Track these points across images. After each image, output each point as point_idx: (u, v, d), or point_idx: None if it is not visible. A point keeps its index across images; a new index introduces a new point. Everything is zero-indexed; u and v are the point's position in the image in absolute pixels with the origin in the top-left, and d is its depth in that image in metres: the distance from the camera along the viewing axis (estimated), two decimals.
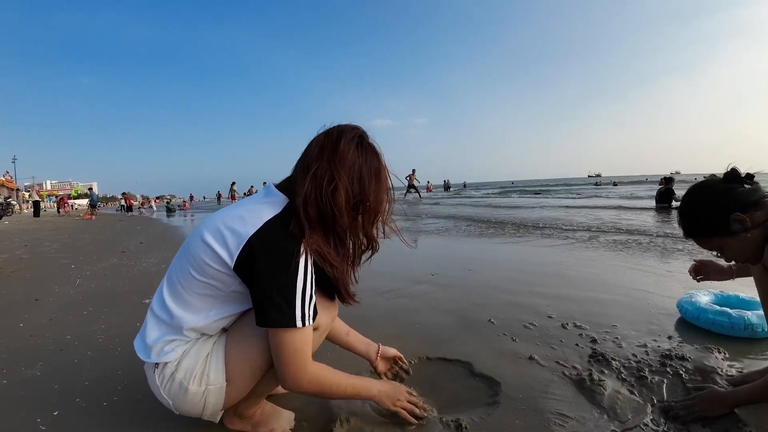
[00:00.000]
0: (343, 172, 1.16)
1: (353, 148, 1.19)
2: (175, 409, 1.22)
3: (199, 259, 1.14)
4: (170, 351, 1.19)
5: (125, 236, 9.39)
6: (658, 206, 10.75)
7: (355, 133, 1.22)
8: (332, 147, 1.18)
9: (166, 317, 1.19)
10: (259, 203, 1.19)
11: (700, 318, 2.13)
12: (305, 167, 1.18)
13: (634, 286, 3.11)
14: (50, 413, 1.57)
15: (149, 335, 1.21)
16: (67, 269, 4.86)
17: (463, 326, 2.35)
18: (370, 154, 1.22)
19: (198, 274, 1.15)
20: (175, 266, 1.23)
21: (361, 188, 1.19)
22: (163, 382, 1.20)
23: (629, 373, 1.69)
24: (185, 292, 1.17)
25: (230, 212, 1.19)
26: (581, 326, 2.25)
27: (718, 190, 1.39)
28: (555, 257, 4.48)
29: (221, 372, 1.19)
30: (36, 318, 2.84)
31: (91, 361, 2.06)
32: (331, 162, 1.16)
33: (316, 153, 1.19)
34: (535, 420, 1.41)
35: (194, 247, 1.16)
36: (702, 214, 1.41)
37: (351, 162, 1.18)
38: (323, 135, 1.22)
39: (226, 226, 1.14)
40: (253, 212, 1.15)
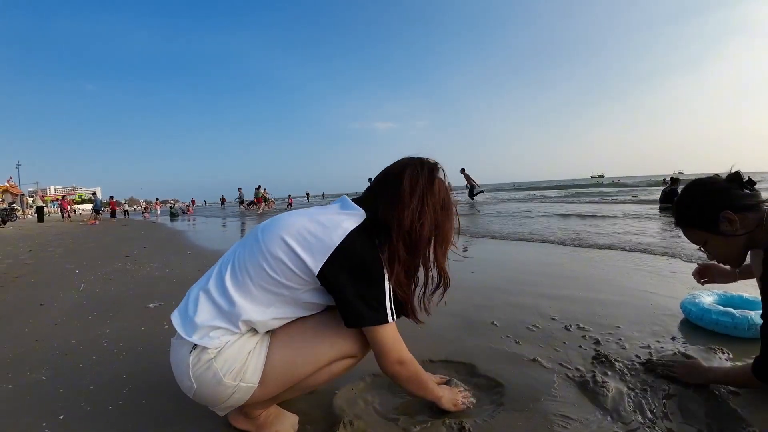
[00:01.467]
0: (432, 209, 1.29)
1: (441, 186, 1.34)
2: (195, 394, 1.20)
3: (278, 259, 1.18)
4: (216, 337, 1.17)
5: (129, 241, 9.42)
6: (662, 207, 10.72)
7: (439, 170, 1.36)
8: (427, 182, 1.30)
9: (225, 304, 1.18)
10: (338, 213, 1.26)
11: (703, 318, 2.13)
12: (399, 199, 1.27)
13: (638, 287, 3.10)
14: (56, 417, 1.58)
15: (199, 314, 1.18)
16: (71, 274, 4.88)
17: (466, 328, 2.36)
18: (445, 189, 1.35)
19: (273, 271, 1.17)
20: (244, 258, 1.23)
21: (439, 223, 1.32)
22: (197, 366, 1.17)
23: (633, 374, 1.69)
24: (253, 286, 1.18)
25: (308, 217, 1.25)
26: (584, 328, 2.24)
27: (716, 187, 1.42)
28: (558, 258, 4.48)
29: (258, 372, 1.20)
30: (41, 323, 2.85)
31: (96, 365, 2.07)
32: (425, 199, 1.28)
33: (408, 188, 1.28)
34: (539, 422, 1.41)
35: (272, 245, 1.19)
36: (695, 205, 1.45)
37: (439, 199, 1.32)
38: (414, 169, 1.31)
39: (310, 232, 1.19)
40: (335, 222, 1.22)
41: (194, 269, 4.81)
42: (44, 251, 7.55)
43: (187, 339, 1.18)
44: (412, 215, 1.25)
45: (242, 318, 1.17)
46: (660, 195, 11.38)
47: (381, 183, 1.34)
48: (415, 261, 1.32)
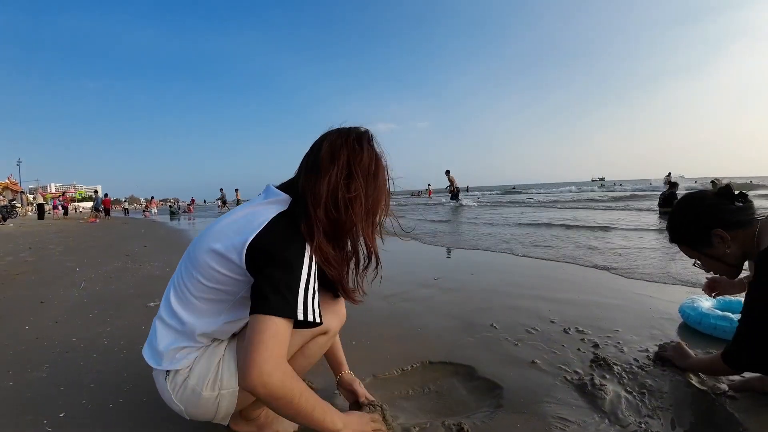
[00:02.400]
0: (361, 177, 1.18)
1: (367, 152, 1.21)
2: (187, 414, 1.22)
3: (207, 266, 1.14)
4: (182, 358, 1.19)
5: (129, 239, 9.43)
6: (661, 211, 10.71)
7: (367, 136, 1.24)
8: (351, 149, 1.19)
9: (177, 324, 1.18)
10: (260, 205, 1.19)
11: (702, 323, 2.13)
12: (317, 169, 1.17)
13: (636, 290, 3.11)
14: (56, 415, 1.59)
15: (160, 342, 1.20)
16: (71, 272, 4.89)
17: (465, 330, 2.36)
18: (374, 157, 1.22)
19: (206, 280, 1.14)
20: (181, 273, 1.22)
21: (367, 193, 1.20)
22: (176, 389, 1.19)
23: (631, 378, 1.69)
24: (194, 299, 1.17)
25: (232, 216, 1.20)
26: (583, 331, 2.25)
27: (706, 205, 1.43)
28: (557, 261, 4.48)
29: (234, 376, 1.19)
30: (41, 320, 2.86)
31: (96, 363, 2.08)
32: (350, 167, 1.17)
33: (328, 155, 1.17)
34: (537, 424, 1.42)
35: (200, 254, 1.16)
36: (686, 225, 1.48)
37: (366, 167, 1.19)
38: (336, 137, 1.21)
39: (231, 230, 1.14)
40: (257, 213, 1.15)
41: None
42: (45, 249, 7.56)
43: (159, 368, 1.21)
44: (331, 182, 1.15)
45: (197, 333, 1.18)
46: (659, 199, 11.38)
47: (305, 157, 1.25)
48: (340, 232, 1.20)
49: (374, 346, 2.16)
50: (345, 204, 1.16)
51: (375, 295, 3.12)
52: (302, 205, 1.15)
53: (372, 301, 2.96)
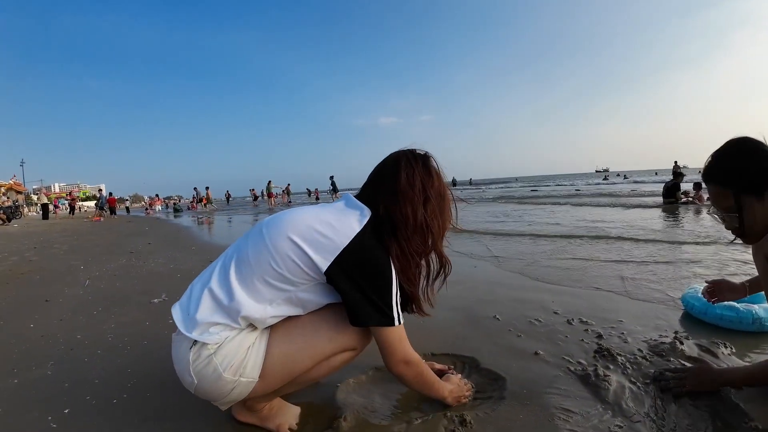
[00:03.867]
0: (434, 200, 1.33)
1: (437, 175, 1.36)
2: (196, 389, 1.22)
3: (285, 256, 1.19)
4: (215, 333, 1.18)
5: (133, 237, 9.47)
6: (665, 201, 10.65)
7: (431, 159, 1.38)
8: (424, 174, 1.33)
9: (227, 299, 1.19)
10: (344, 212, 1.29)
11: (707, 313, 2.11)
12: (396, 193, 1.29)
13: (641, 281, 3.10)
14: (61, 411, 1.60)
15: (200, 311, 1.19)
16: (76, 270, 4.91)
17: (468, 322, 2.36)
18: (440, 177, 1.38)
19: (279, 267, 1.19)
20: (248, 253, 1.24)
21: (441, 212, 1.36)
22: (197, 361, 1.18)
23: (635, 368, 1.69)
24: (256, 279, 1.20)
25: (315, 215, 1.26)
26: (587, 322, 2.24)
27: (764, 148, 1.27)
28: (560, 252, 4.47)
29: (258, 367, 1.21)
30: (46, 319, 2.87)
31: (101, 359, 2.09)
32: (425, 191, 1.31)
33: (406, 182, 1.30)
34: (540, 415, 1.42)
35: (278, 242, 1.20)
36: (748, 165, 1.27)
37: (437, 190, 1.35)
38: (405, 162, 1.33)
39: (318, 231, 1.21)
40: (343, 222, 1.24)
41: (199, 265, 4.83)
42: (49, 248, 7.60)
43: (187, 335, 1.19)
44: (416, 209, 1.28)
45: (241, 313, 1.18)
46: (662, 190, 11.30)
47: (377, 178, 1.36)
48: (423, 254, 1.36)
49: None
50: (427, 226, 1.31)
51: None
52: (391, 228, 1.28)
53: None
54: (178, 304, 1.28)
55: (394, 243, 1.27)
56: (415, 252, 1.32)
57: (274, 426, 1.38)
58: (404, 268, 1.30)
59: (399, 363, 1.30)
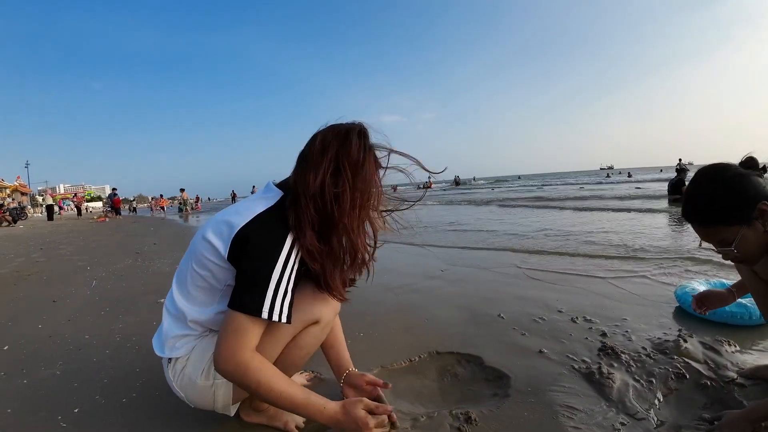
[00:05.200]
0: (349, 171, 1.17)
1: (356, 145, 1.20)
2: (188, 401, 1.28)
3: (200, 254, 1.20)
4: (181, 347, 1.25)
5: (139, 238, 9.50)
6: (670, 198, 10.62)
7: (358, 129, 1.23)
8: (341, 143, 1.19)
9: (173, 309, 1.26)
10: (255, 199, 1.24)
11: (717, 311, 2.07)
12: (307, 161, 1.20)
13: (645, 279, 3.10)
14: (71, 411, 1.62)
15: (163, 330, 1.28)
16: (82, 271, 4.94)
17: (473, 321, 2.37)
18: (362, 150, 1.21)
19: (198, 267, 1.20)
20: (183, 263, 1.30)
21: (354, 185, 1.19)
22: (175, 376, 1.26)
23: (638, 366, 1.69)
24: (190, 286, 1.24)
25: (229, 209, 1.25)
26: (591, 320, 2.25)
27: (743, 176, 1.23)
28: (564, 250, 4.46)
29: None
30: (54, 319, 2.90)
31: (109, 359, 2.11)
32: (338, 160, 1.17)
33: (319, 149, 1.19)
34: (544, 413, 1.43)
35: (196, 243, 1.23)
36: (727, 198, 1.22)
37: (354, 160, 1.18)
38: (328, 130, 1.23)
39: (223, 221, 1.18)
40: (248, 207, 1.19)
41: None
42: (56, 249, 7.64)
43: (162, 355, 1.28)
44: (318, 175, 1.16)
45: (188, 319, 1.23)
46: (667, 186, 11.25)
47: (300, 155, 1.25)
48: (327, 226, 1.20)
49: (381, 338, 2.18)
50: (331, 198, 1.17)
51: (382, 288, 3.14)
52: (292, 197, 1.18)
53: (378, 293, 2.98)
54: (156, 332, 1.37)
55: (293, 210, 1.16)
56: (314, 221, 1.17)
57: (282, 424, 1.39)
58: (300, 237, 1.16)
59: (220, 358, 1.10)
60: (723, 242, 1.27)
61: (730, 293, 1.69)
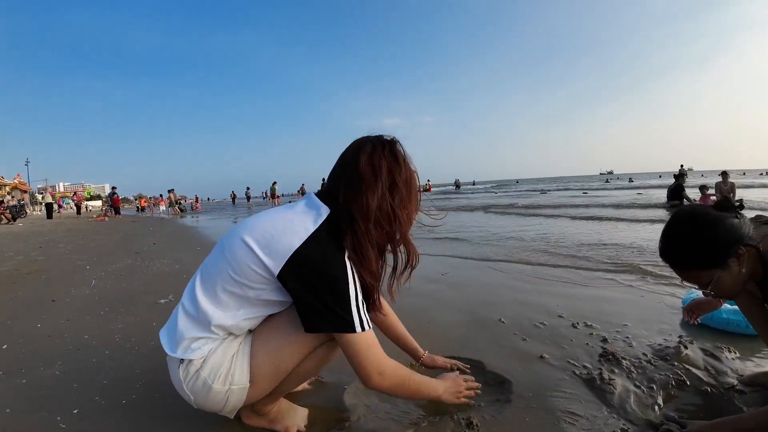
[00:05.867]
0: (403, 188, 1.23)
1: (404, 162, 1.25)
2: (195, 404, 1.25)
3: (241, 261, 1.15)
4: (197, 348, 1.20)
5: (138, 237, 9.49)
6: (669, 204, 10.66)
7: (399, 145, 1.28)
8: (391, 161, 1.23)
9: (196, 312, 1.20)
10: (301, 213, 1.21)
11: (714, 318, 2.12)
12: (360, 182, 1.19)
13: (645, 284, 3.10)
14: (70, 412, 1.61)
15: (177, 330, 1.22)
16: (82, 270, 4.93)
17: (473, 325, 2.37)
18: (408, 164, 1.27)
19: (236, 274, 1.16)
20: (211, 263, 1.24)
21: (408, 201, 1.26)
22: (187, 378, 1.21)
23: (639, 372, 1.69)
24: (218, 289, 1.19)
25: (273, 219, 1.20)
26: (592, 325, 2.25)
27: (719, 221, 1.25)
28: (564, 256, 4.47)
29: (246, 373, 1.22)
30: (53, 318, 2.89)
31: (109, 360, 2.10)
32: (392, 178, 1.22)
33: (369, 169, 1.20)
34: (546, 418, 1.43)
35: (235, 248, 1.17)
36: (701, 247, 1.25)
37: (405, 177, 1.24)
38: (372, 149, 1.23)
39: (271, 234, 1.15)
40: (297, 222, 1.17)
41: None
42: (55, 248, 7.62)
43: (173, 355, 1.22)
44: (377, 196, 1.19)
45: (212, 323, 1.19)
46: (666, 193, 11.30)
47: (340, 169, 1.26)
48: (385, 246, 1.27)
49: (382, 341, 2.14)
50: (393, 216, 1.22)
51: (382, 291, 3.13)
52: (348, 220, 1.19)
53: None
54: (165, 327, 1.31)
55: (351, 236, 1.18)
56: (378, 244, 1.23)
57: (283, 428, 1.39)
58: (363, 262, 1.20)
59: (373, 375, 1.19)
60: (700, 284, 1.32)
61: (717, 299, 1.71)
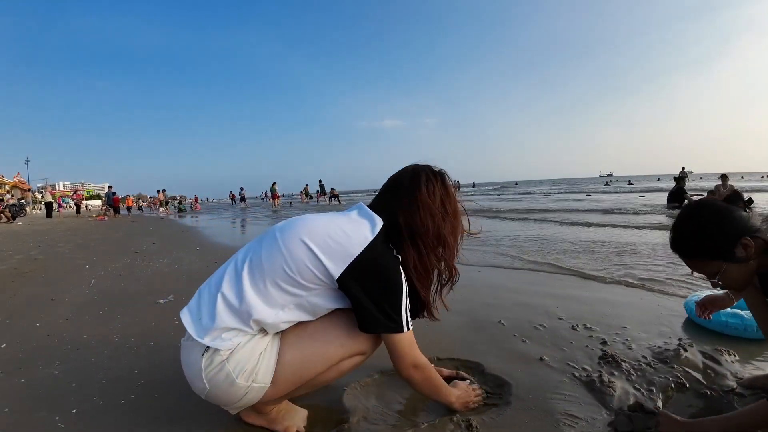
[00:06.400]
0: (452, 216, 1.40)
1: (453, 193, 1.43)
2: (207, 394, 1.23)
3: (299, 261, 1.21)
4: (227, 339, 1.18)
5: (138, 237, 9.50)
6: (669, 206, 10.64)
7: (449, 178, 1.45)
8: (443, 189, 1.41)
9: (239, 302, 1.19)
10: (357, 222, 1.31)
11: (712, 320, 2.11)
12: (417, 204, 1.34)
13: (645, 287, 3.10)
14: (69, 411, 1.61)
15: (211, 316, 1.20)
16: (81, 270, 4.93)
17: (473, 327, 2.37)
18: (455, 195, 1.45)
19: (292, 271, 1.21)
20: (262, 257, 1.25)
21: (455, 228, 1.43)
22: (209, 368, 1.19)
23: (639, 375, 1.69)
24: (269, 283, 1.21)
25: (330, 225, 1.29)
26: (591, 328, 2.25)
27: (727, 212, 1.27)
28: (565, 258, 4.47)
29: (270, 373, 1.22)
30: (52, 318, 2.89)
31: (108, 360, 2.10)
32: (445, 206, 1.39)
33: (426, 194, 1.36)
34: (545, 420, 1.43)
35: (293, 247, 1.23)
36: (708, 235, 1.27)
37: (454, 206, 1.42)
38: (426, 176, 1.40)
39: (332, 238, 1.24)
40: (356, 230, 1.27)
41: (204, 266, 4.86)
42: (54, 247, 7.62)
43: (199, 341, 1.19)
44: (437, 221, 1.35)
45: (253, 317, 1.19)
46: (667, 196, 11.30)
47: (394, 188, 1.41)
48: (440, 261, 1.42)
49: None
50: (445, 240, 1.38)
51: None
52: (410, 236, 1.33)
53: None
54: (187, 309, 1.28)
55: (413, 251, 1.33)
56: (431, 261, 1.38)
57: (282, 428, 1.39)
58: (420, 276, 1.36)
59: (409, 367, 1.33)
60: (708, 274, 1.35)
61: (727, 295, 1.71)
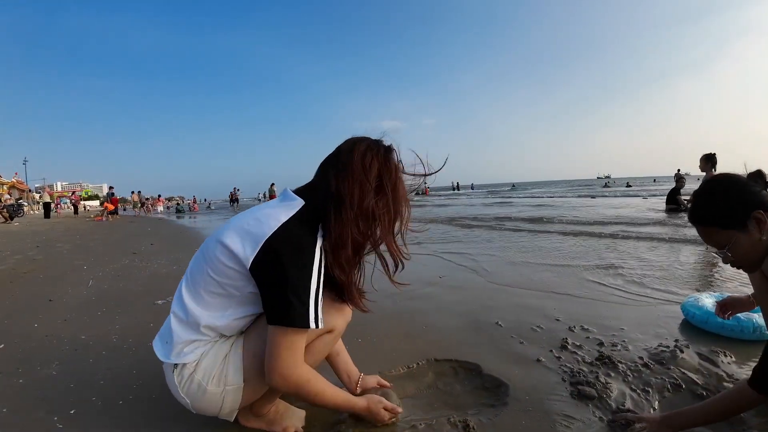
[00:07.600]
0: (390, 191, 1.25)
1: (394, 167, 1.28)
2: (193, 408, 1.26)
3: (216, 260, 1.18)
4: (189, 352, 1.22)
5: (136, 238, 9.48)
6: (667, 207, 10.67)
7: (393, 150, 1.31)
8: (384, 160, 1.26)
9: (183, 315, 1.23)
10: (274, 207, 1.23)
11: (709, 322, 2.13)
12: (348, 172, 1.22)
13: (642, 288, 3.11)
14: (67, 412, 1.61)
15: (169, 335, 1.25)
16: (79, 270, 4.93)
17: (471, 328, 2.37)
18: (398, 171, 1.30)
19: (215, 274, 1.19)
20: (194, 266, 1.27)
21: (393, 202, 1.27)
22: (182, 383, 1.23)
23: (635, 376, 1.70)
24: (203, 292, 1.21)
25: (246, 215, 1.24)
26: (588, 329, 2.25)
27: (744, 185, 1.30)
28: (563, 259, 4.48)
29: (239, 372, 1.23)
30: (50, 318, 2.89)
31: (106, 360, 2.10)
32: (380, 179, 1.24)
33: (360, 163, 1.22)
34: (542, 421, 1.43)
35: (212, 248, 1.21)
36: (724, 203, 1.29)
37: (393, 181, 1.26)
38: (366, 147, 1.26)
39: (243, 229, 1.18)
40: (269, 215, 1.19)
41: None
42: (52, 247, 7.61)
43: (167, 361, 1.25)
44: (365, 192, 1.21)
45: (201, 324, 1.21)
46: (667, 195, 11.33)
47: (333, 159, 1.28)
48: (365, 238, 1.27)
49: (380, 344, 2.18)
50: (373, 217, 1.23)
51: (380, 294, 3.12)
52: (336, 203, 1.20)
53: (377, 300, 2.97)
54: (157, 336, 1.33)
55: (335, 221, 1.19)
56: (356, 240, 1.23)
57: (281, 429, 1.40)
58: (338, 250, 1.22)
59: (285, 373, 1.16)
60: (718, 244, 1.35)
61: (748, 298, 1.76)
